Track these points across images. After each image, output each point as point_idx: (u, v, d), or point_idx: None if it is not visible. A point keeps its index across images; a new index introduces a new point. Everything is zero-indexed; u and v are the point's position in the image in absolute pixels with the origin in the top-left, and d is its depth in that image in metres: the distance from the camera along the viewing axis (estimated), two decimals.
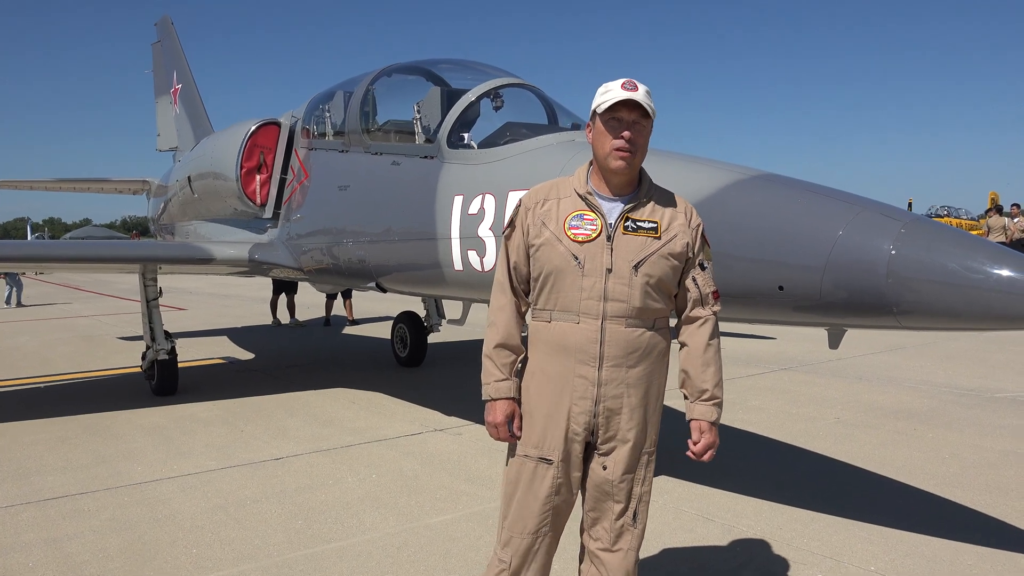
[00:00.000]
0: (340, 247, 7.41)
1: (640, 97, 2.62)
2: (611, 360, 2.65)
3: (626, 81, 2.65)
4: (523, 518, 2.78)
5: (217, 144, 9.79)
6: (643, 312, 2.66)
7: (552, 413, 2.71)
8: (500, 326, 2.79)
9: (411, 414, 7.43)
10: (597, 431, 2.70)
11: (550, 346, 2.71)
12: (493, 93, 6.31)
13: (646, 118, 2.66)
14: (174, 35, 14.76)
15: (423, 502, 4.97)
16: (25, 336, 14.38)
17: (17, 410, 7.78)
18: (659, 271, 2.65)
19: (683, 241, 2.69)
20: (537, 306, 2.76)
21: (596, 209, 2.68)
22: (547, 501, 2.75)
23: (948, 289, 3.38)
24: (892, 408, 7.35)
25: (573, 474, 2.76)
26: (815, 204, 3.91)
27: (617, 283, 2.62)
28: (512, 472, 2.82)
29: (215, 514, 4.80)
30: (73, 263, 9.29)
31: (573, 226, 2.66)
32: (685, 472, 5.36)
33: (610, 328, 2.64)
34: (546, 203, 2.74)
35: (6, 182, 16.44)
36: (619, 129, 2.64)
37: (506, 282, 2.82)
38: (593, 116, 2.72)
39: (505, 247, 2.83)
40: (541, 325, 2.75)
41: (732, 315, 4.38)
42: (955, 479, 5.25)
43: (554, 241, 2.67)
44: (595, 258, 2.63)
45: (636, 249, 2.64)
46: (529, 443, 2.76)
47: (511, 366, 2.78)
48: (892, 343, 11.23)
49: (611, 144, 2.64)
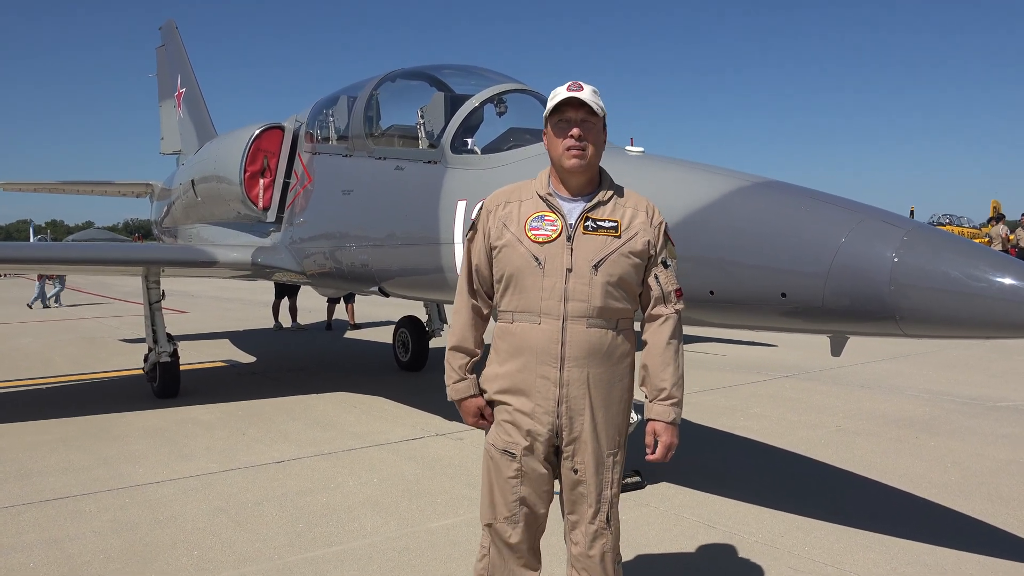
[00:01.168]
0: (343, 251, 7.42)
1: (585, 96, 2.68)
2: (572, 361, 2.67)
3: (571, 83, 2.73)
4: (494, 504, 2.84)
5: (221, 148, 9.82)
6: (604, 312, 2.68)
7: (515, 412, 2.75)
8: (456, 329, 2.89)
9: (412, 418, 7.43)
10: (561, 432, 2.74)
11: (513, 347, 2.75)
12: (497, 99, 6.34)
13: (594, 116, 2.71)
14: (178, 39, 14.81)
15: (424, 506, 4.96)
16: (28, 337, 14.40)
17: (19, 411, 7.79)
18: (619, 270, 2.67)
19: (644, 239, 2.72)
20: (500, 307, 2.81)
21: (556, 210, 2.72)
22: (513, 490, 2.79)
23: (951, 297, 3.38)
24: (894, 416, 7.34)
25: (540, 470, 2.78)
26: (818, 211, 3.91)
27: (577, 283, 2.65)
28: (484, 462, 2.89)
29: (216, 516, 4.80)
30: (76, 265, 9.31)
31: (533, 227, 2.70)
32: (686, 479, 5.36)
33: (571, 328, 2.67)
34: (507, 205, 2.79)
35: (9, 184, 16.47)
36: (568, 129, 2.69)
37: (465, 286, 2.88)
38: (545, 122, 2.78)
39: (467, 250, 2.88)
40: (504, 326, 2.79)
41: (734, 322, 4.38)
42: (957, 488, 5.24)
43: (515, 242, 2.71)
44: (555, 258, 2.66)
45: (596, 248, 2.67)
46: (496, 436, 2.83)
47: (466, 367, 2.86)
48: (894, 351, 11.22)
49: (562, 144, 2.70)
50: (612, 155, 5.18)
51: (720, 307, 4.20)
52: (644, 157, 5.04)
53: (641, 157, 5.04)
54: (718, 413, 7.47)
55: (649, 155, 5.09)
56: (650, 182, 4.53)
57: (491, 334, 2.83)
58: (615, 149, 5.42)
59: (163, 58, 15.49)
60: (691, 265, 4.16)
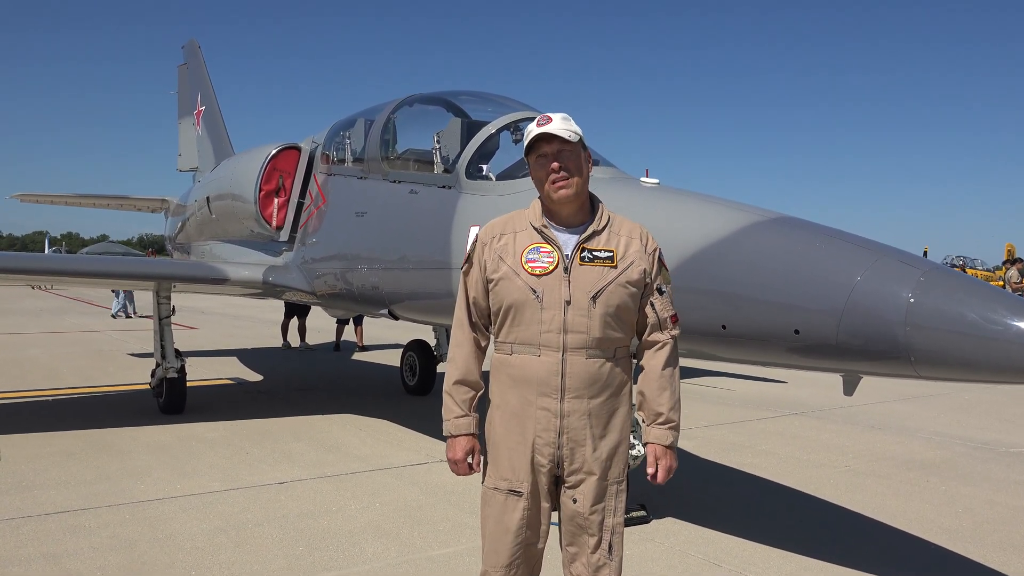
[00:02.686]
0: (354, 273, 7.43)
1: (554, 128, 2.69)
2: (572, 391, 2.66)
3: (541, 117, 2.76)
4: (496, 551, 2.79)
5: (237, 166, 9.89)
6: (603, 343, 2.68)
7: (517, 445, 2.73)
8: (459, 362, 2.83)
9: (417, 443, 7.37)
10: (562, 463, 2.71)
11: (512, 379, 2.73)
12: (513, 126, 6.36)
13: (568, 143, 2.71)
14: (200, 58, 15.00)
15: (426, 533, 4.90)
16: (36, 349, 14.44)
17: (24, 422, 7.78)
18: (617, 300, 2.67)
19: (640, 268, 2.72)
20: (498, 339, 2.79)
21: (552, 241, 2.71)
22: (518, 534, 2.75)
23: (967, 340, 3.34)
24: (904, 458, 7.24)
25: (543, 505, 2.77)
26: (833, 249, 3.89)
27: (576, 315, 2.64)
28: (484, 506, 2.84)
29: (216, 536, 4.76)
30: (89, 278, 9.35)
31: (530, 259, 2.70)
32: (692, 515, 5.28)
33: (571, 360, 2.66)
34: (503, 237, 2.78)
35: (27, 195, 16.62)
36: (547, 163, 2.71)
37: (465, 318, 2.85)
38: (527, 161, 2.80)
39: (464, 283, 2.87)
40: (503, 358, 2.77)
41: (746, 357, 4.34)
42: (969, 534, 5.14)
43: (512, 275, 2.70)
44: (553, 291, 2.66)
45: (593, 280, 2.67)
46: (498, 475, 2.79)
47: (470, 402, 2.81)
48: (905, 392, 11.10)
49: (547, 179, 2.71)
50: (627, 187, 5.21)
51: (732, 342, 4.17)
52: (659, 189, 5.03)
53: (656, 189, 5.03)
54: (726, 448, 7.38)
55: (664, 187, 5.08)
56: (665, 214, 4.52)
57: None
58: (630, 180, 5.43)
59: (184, 76, 15.68)
60: (704, 299, 4.14)
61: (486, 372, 2.76)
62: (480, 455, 2.84)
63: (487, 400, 2.87)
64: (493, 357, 2.84)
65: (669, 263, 2.98)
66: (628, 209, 3.50)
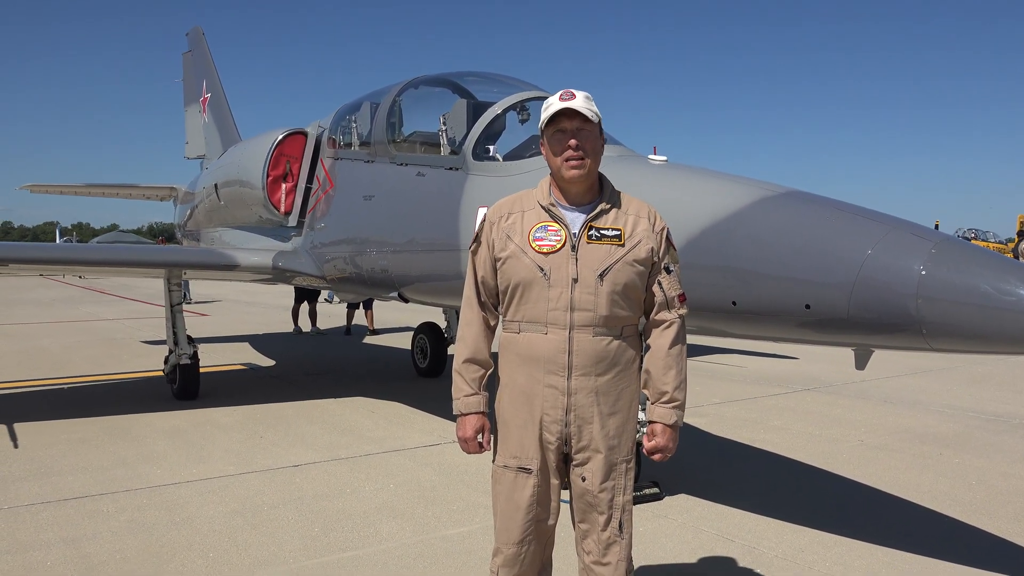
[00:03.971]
0: (363, 256, 7.44)
1: (578, 104, 2.67)
2: (579, 369, 2.68)
3: (563, 92, 2.72)
4: (508, 529, 2.81)
5: (244, 152, 9.89)
6: (610, 320, 2.68)
7: (525, 423, 2.75)
8: (468, 341, 2.84)
9: (430, 424, 7.41)
10: (570, 440, 2.73)
11: (520, 357, 2.75)
12: (519, 106, 6.33)
13: (589, 123, 2.70)
14: (205, 45, 14.96)
15: (440, 513, 4.94)
16: (49, 338, 14.55)
17: (40, 411, 7.85)
18: (625, 278, 2.67)
19: (647, 246, 2.71)
20: (506, 318, 2.80)
21: (559, 220, 2.71)
22: (528, 511, 2.78)
23: (979, 311, 3.31)
24: (917, 432, 7.22)
25: (552, 482, 2.80)
26: (844, 222, 3.86)
27: (583, 293, 2.65)
28: (495, 484, 2.86)
29: (232, 519, 4.81)
30: (100, 267, 9.40)
31: (537, 238, 2.70)
32: (705, 491, 5.30)
33: (578, 338, 2.67)
34: (510, 216, 2.78)
35: (36, 186, 16.69)
36: (565, 139, 2.69)
37: (474, 297, 2.86)
38: (541, 134, 2.78)
39: (472, 262, 2.87)
40: (511, 336, 2.78)
41: (757, 333, 4.33)
42: (982, 506, 5.13)
43: (519, 253, 2.70)
44: (560, 269, 2.66)
45: (601, 258, 2.66)
46: (508, 453, 2.80)
47: (480, 380, 2.82)
48: (917, 365, 11.06)
49: (561, 155, 2.69)
50: (635, 164, 5.18)
51: (743, 318, 4.15)
52: (667, 166, 5.00)
53: (664, 166, 5.00)
54: (738, 425, 7.39)
55: (672, 164, 5.05)
56: (673, 191, 4.50)
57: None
58: (638, 158, 5.40)
59: (189, 64, 15.65)
60: (714, 275, 4.12)
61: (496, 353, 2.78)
62: (490, 433, 2.85)
63: (497, 379, 2.87)
64: (502, 336, 2.85)
65: (678, 240, 2.97)
66: (636, 186, 3.49)
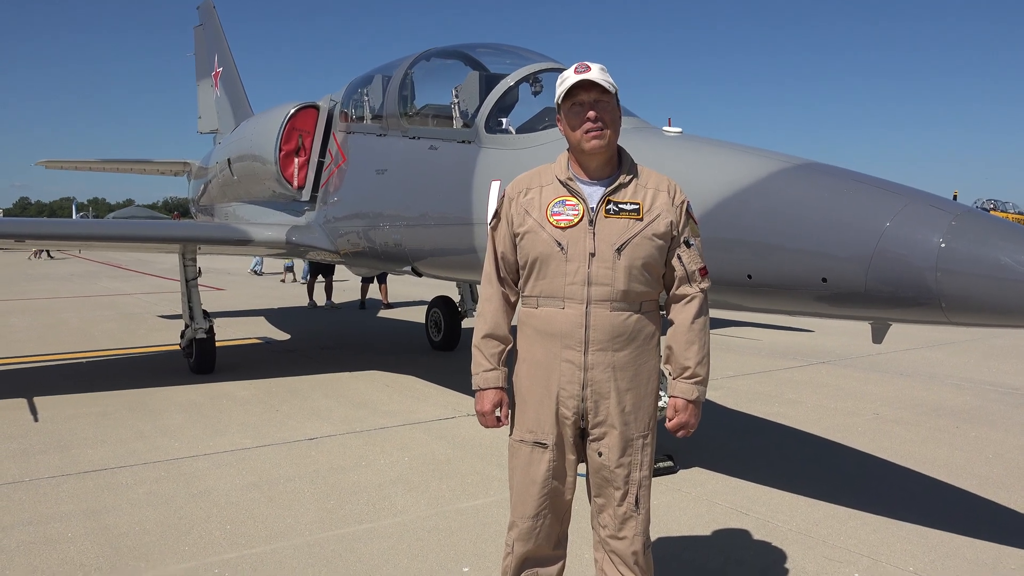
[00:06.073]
0: (376, 230, 7.43)
1: (594, 76, 2.65)
2: (597, 344, 2.66)
3: (578, 64, 2.70)
4: (523, 502, 2.82)
5: (256, 127, 9.87)
6: (628, 295, 2.66)
7: (542, 398, 2.75)
8: (488, 316, 2.84)
9: (444, 398, 7.44)
10: (587, 415, 2.72)
11: (537, 332, 2.74)
12: (532, 78, 6.26)
13: (606, 94, 2.68)
14: (216, 19, 14.88)
15: (454, 486, 4.97)
16: (69, 313, 14.70)
17: (59, 384, 7.95)
18: (643, 253, 2.65)
19: (667, 220, 2.69)
20: (525, 293, 2.79)
21: (577, 194, 2.70)
22: (544, 485, 2.78)
23: (1000, 284, 3.27)
24: (933, 405, 7.18)
25: (568, 457, 2.80)
26: (861, 194, 3.80)
27: (601, 267, 2.63)
28: (511, 458, 2.87)
29: (249, 491, 4.86)
30: (116, 242, 9.45)
31: (555, 212, 2.69)
32: (719, 465, 5.30)
33: (595, 312, 2.65)
34: (529, 192, 2.77)
35: (52, 162, 16.76)
36: (583, 112, 2.67)
37: (493, 272, 2.85)
38: (558, 108, 2.76)
39: (492, 238, 2.87)
40: (529, 311, 2.78)
41: (773, 307, 4.30)
42: (999, 480, 5.11)
43: (537, 228, 2.69)
44: (578, 243, 2.65)
45: (619, 232, 2.65)
46: (524, 428, 2.81)
47: (499, 356, 2.82)
48: (933, 338, 10.98)
49: (580, 128, 2.67)
50: (650, 136, 5.12)
51: (758, 291, 4.12)
52: (682, 137, 4.94)
53: (679, 137, 4.94)
54: (752, 398, 7.37)
55: (687, 135, 4.99)
56: (688, 163, 4.45)
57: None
58: (653, 130, 5.34)
59: (200, 37, 15.59)
60: (729, 248, 4.08)
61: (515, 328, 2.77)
62: (508, 408, 2.85)
63: (516, 355, 2.87)
64: (520, 311, 2.84)
65: (693, 213, 2.94)
66: (651, 158, 3.44)
